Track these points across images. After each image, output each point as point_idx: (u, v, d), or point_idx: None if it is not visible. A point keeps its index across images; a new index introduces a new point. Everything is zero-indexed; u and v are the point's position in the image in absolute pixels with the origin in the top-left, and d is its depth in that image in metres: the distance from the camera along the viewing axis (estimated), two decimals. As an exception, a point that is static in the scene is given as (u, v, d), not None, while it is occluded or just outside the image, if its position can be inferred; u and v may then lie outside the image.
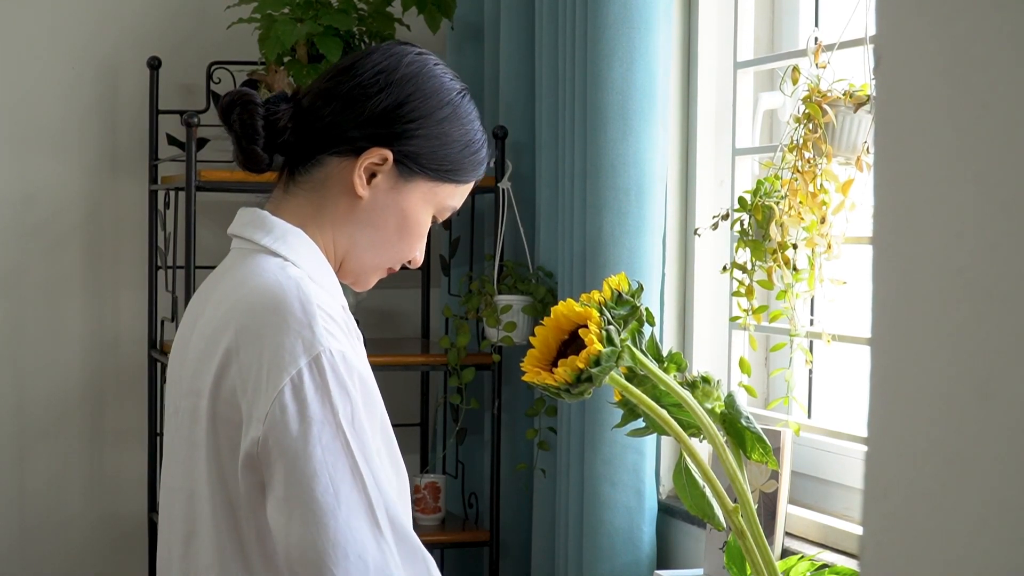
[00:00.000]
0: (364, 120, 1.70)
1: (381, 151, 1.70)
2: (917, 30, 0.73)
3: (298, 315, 1.58)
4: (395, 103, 1.70)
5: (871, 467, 0.76)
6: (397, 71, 1.71)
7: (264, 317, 1.59)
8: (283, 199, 1.74)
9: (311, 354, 1.56)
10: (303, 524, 1.54)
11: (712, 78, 2.65)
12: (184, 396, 1.66)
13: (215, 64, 3.19)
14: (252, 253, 1.69)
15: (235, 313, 1.61)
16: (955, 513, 0.70)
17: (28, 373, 3.31)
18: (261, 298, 1.61)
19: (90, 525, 3.35)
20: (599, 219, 2.57)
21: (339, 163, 1.71)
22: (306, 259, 1.69)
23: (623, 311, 1.51)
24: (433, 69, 1.74)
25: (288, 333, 1.57)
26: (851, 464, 2.34)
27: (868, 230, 2.12)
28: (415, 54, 1.74)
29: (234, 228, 1.74)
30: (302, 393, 1.55)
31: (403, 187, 1.72)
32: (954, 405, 0.71)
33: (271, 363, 1.56)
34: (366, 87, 1.70)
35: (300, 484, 1.54)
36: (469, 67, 3.22)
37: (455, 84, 1.75)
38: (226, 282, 1.69)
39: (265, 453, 1.56)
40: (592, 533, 2.59)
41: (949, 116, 0.71)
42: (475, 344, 3.05)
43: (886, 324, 0.75)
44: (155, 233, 3.20)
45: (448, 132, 1.72)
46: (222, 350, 1.60)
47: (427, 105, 1.71)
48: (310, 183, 1.72)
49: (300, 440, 1.54)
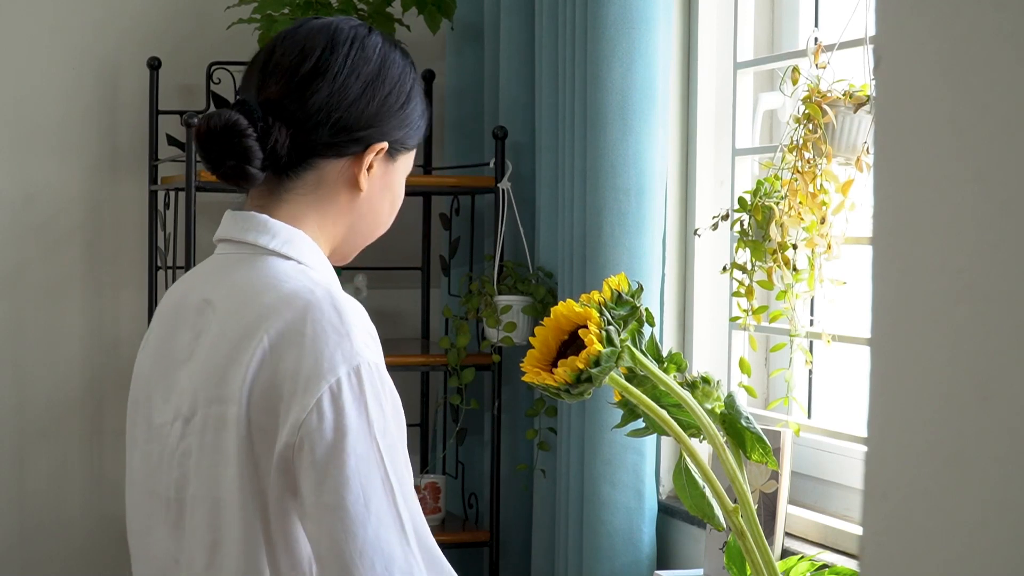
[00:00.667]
0: (357, 124, 1.70)
1: (379, 145, 1.72)
2: (917, 30, 0.73)
3: (336, 324, 1.57)
4: (379, 101, 1.71)
5: (871, 467, 0.76)
6: (368, 64, 1.71)
7: (302, 325, 1.57)
8: (274, 203, 1.71)
9: (351, 364, 1.56)
10: (331, 532, 1.54)
11: (712, 78, 2.65)
12: (204, 404, 1.62)
13: (215, 64, 3.19)
14: (255, 257, 1.67)
15: (265, 320, 1.59)
16: (955, 513, 0.70)
17: (28, 373, 3.31)
18: (294, 305, 1.59)
19: (90, 525, 3.35)
20: (599, 219, 2.57)
21: (335, 164, 1.70)
22: (317, 264, 1.68)
23: (623, 311, 1.51)
24: (386, 47, 1.74)
25: (328, 342, 1.56)
26: (851, 464, 2.34)
27: (868, 230, 2.12)
28: (366, 35, 1.73)
29: (228, 232, 1.71)
30: (340, 402, 1.55)
31: (392, 167, 1.75)
32: (954, 405, 0.71)
33: (311, 370, 1.55)
34: (347, 91, 1.69)
35: (332, 492, 1.54)
36: (469, 67, 3.22)
37: (401, 57, 1.76)
38: (235, 288, 1.65)
39: (299, 459, 1.55)
40: (592, 533, 2.59)
41: (949, 116, 0.71)
42: (475, 344, 3.05)
43: (886, 324, 0.75)
44: (155, 233, 3.20)
45: (416, 107, 1.76)
46: (257, 357, 1.57)
47: (400, 92, 1.73)
48: (304, 186, 1.70)
49: (335, 449, 1.54)
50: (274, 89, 1.69)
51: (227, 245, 1.71)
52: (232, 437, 1.59)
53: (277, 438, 1.56)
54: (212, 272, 1.72)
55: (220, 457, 1.60)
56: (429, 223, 3.39)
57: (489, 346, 2.94)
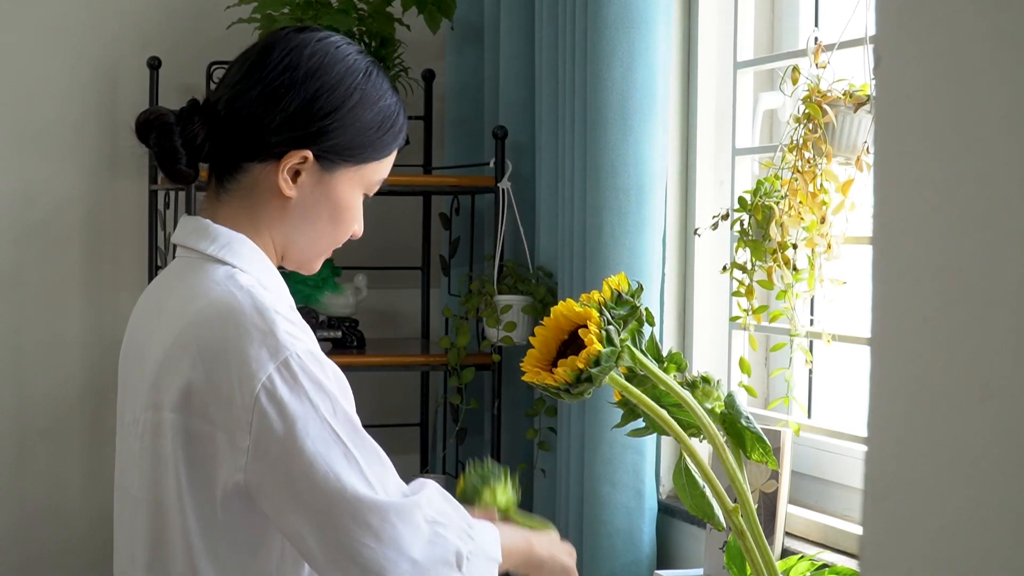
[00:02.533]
0: (278, 125, 1.69)
1: (300, 152, 1.70)
2: (917, 30, 0.73)
3: (258, 323, 1.60)
4: (304, 101, 1.70)
5: (871, 467, 0.76)
6: (300, 67, 1.70)
7: (225, 331, 1.60)
8: (216, 206, 1.74)
9: (278, 359, 1.58)
10: (317, 517, 1.57)
11: (712, 78, 2.65)
12: (144, 408, 1.66)
13: (215, 64, 3.19)
14: (199, 262, 1.70)
15: (194, 328, 1.62)
16: (955, 513, 0.70)
17: (28, 373, 3.31)
18: (218, 312, 1.62)
19: (89, 524, 3.35)
20: (599, 219, 2.57)
21: (263, 168, 1.71)
22: (252, 264, 1.70)
23: (623, 311, 1.51)
24: (335, 54, 1.72)
25: (252, 343, 1.59)
26: (851, 464, 2.34)
27: (868, 230, 2.12)
28: (315, 41, 1.73)
29: (177, 237, 1.75)
30: (276, 396, 1.57)
31: (328, 179, 1.73)
32: (954, 405, 0.71)
33: (241, 374, 1.58)
34: (275, 88, 1.69)
35: (302, 480, 1.57)
36: (469, 67, 3.22)
37: (359, 64, 1.74)
38: (178, 294, 1.69)
39: (255, 461, 1.58)
40: (592, 533, 2.59)
41: (949, 116, 0.71)
42: (475, 344, 3.05)
43: (886, 324, 0.75)
44: (155, 233, 3.20)
45: (360, 117, 1.72)
46: (187, 367, 1.61)
47: (335, 96, 1.71)
48: (239, 190, 1.72)
49: (288, 440, 1.57)
50: (219, 86, 1.74)
51: (181, 250, 1.75)
52: (167, 443, 1.62)
53: (217, 444, 1.59)
54: (167, 277, 1.76)
55: (159, 462, 1.64)
56: (429, 223, 3.39)
57: (489, 346, 2.94)
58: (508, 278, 2.89)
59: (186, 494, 1.61)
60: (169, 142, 1.69)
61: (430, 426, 3.37)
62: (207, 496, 1.61)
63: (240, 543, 1.63)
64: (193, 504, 1.61)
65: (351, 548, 1.58)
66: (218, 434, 1.59)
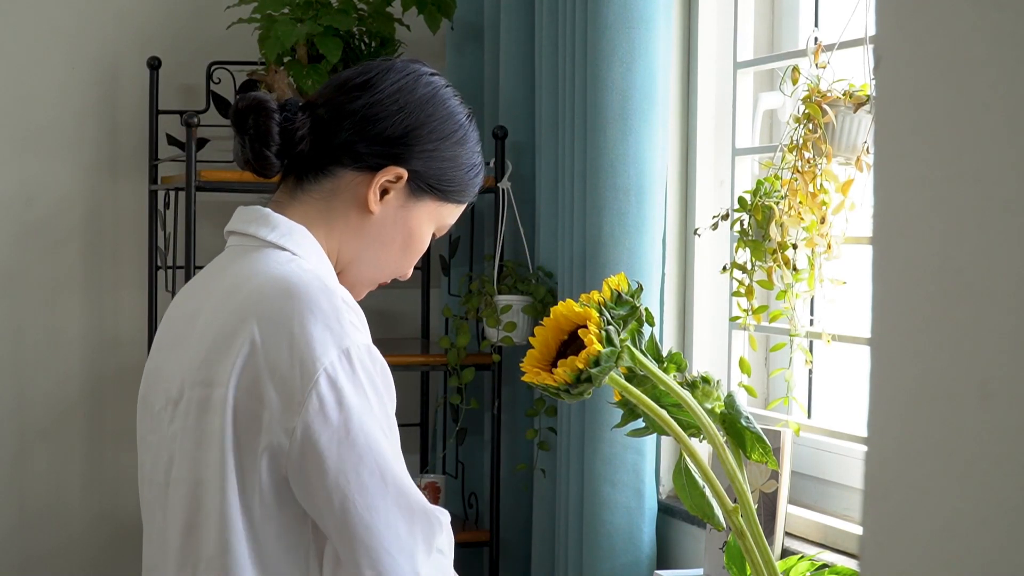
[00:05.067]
0: (383, 139, 1.72)
1: (397, 169, 1.73)
2: (917, 30, 0.73)
3: (324, 306, 1.59)
4: (415, 123, 1.73)
5: (871, 467, 0.76)
6: (415, 92, 1.74)
7: (289, 304, 1.59)
8: (289, 204, 1.74)
9: (341, 347, 1.58)
10: (354, 509, 1.58)
11: (712, 78, 2.65)
12: (191, 386, 1.65)
13: (215, 64, 3.19)
14: (256, 248, 1.69)
15: (252, 303, 1.61)
16: (955, 513, 0.70)
17: (28, 373, 3.31)
18: (282, 286, 1.61)
19: (90, 525, 3.35)
20: (599, 219, 2.57)
21: (352, 176, 1.73)
22: (313, 257, 1.70)
23: (623, 311, 1.51)
24: (445, 91, 1.78)
25: (316, 324, 1.58)
26: (851, 464, 2.34)
27: (868, 230, 2.12)
28: (429, 75, 1.78)
29: (234, 225, 1.74)
30: (338, 384, 1.58)
31: (412, 205, 1.76)
32: (954, 405, 0.71)
33: (303, 355, 1.57)
34: (386, 105, 1.73)
35: (348, 471, 1.58)
36: (469, 67, 3.21)
37: (464, 107, 1.80)
38: (231, 273, 1.68)
39: (305, 442, 1.57)
40: (592, 533, 2.59)
41: (949, 116, 0.71)
42: (475, 344, 3.05)
43: (886, 324, 0.75)
44: (155, 233, 3.20)
45: (459, 155, 1.77)
46: (242, 340, 1.60)
47: (443, 128, 1.75)
48: (320, 192, 1.73)
49: (342, 429, 1.58)
50: (323, 93, 1.76)
51: (234, 237, 1.74)
52: (216, 419, 1.61)
53: (266, 422, 1.58)
54: (217, 263, 1.75)
55: (203, 439, 1.63)
56: (429, 223, 3.39)
57: (489, 346, 2.94)
58: (508, 278, 2.89)
59: (229, 471, 1.60)
60: (267, 125, 1.70)
61: (430, 426, 3.37)
62: (248, 471, 1.60)
63: (278, 523, 1.61)
64: (234, 481, 1.60)
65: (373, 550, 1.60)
66: (264, 412, 1.58)
